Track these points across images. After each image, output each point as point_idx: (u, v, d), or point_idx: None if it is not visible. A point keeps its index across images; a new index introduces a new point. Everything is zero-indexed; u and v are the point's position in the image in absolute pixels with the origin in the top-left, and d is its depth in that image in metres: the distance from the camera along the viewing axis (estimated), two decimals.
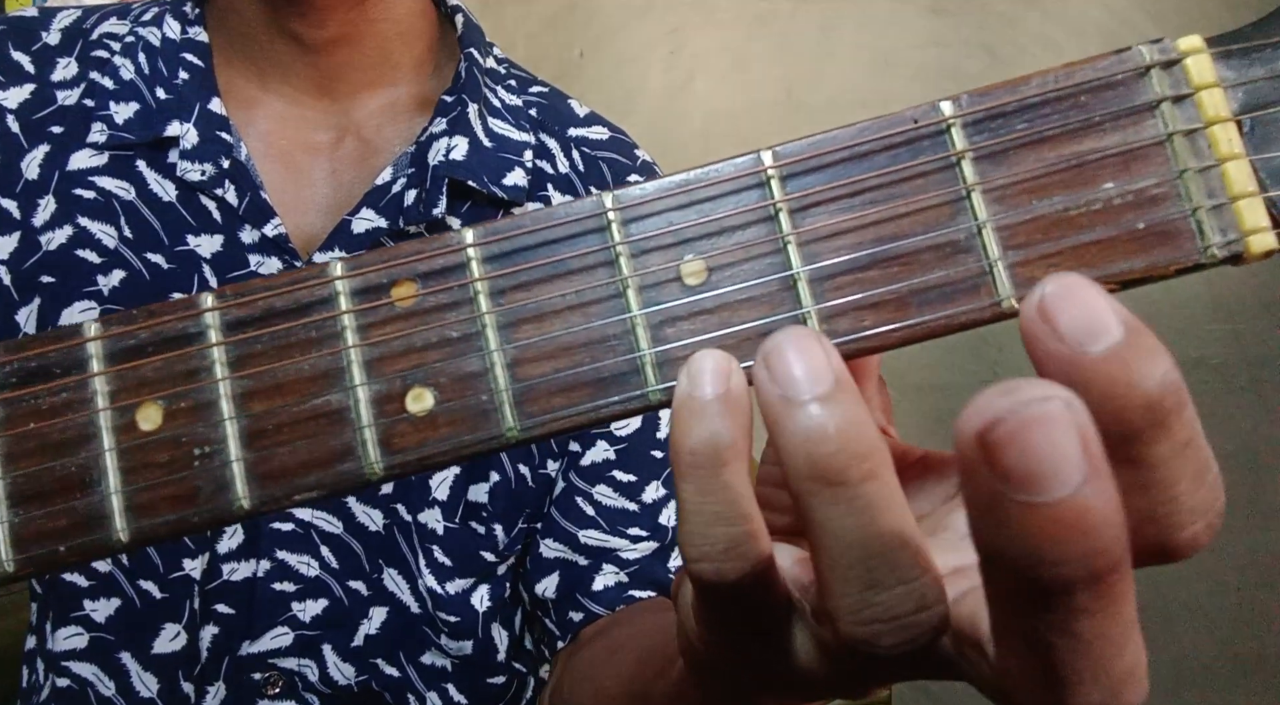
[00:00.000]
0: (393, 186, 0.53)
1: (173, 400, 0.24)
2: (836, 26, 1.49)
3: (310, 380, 0.24)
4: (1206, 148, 0.21)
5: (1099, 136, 0.22)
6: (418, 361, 0.24)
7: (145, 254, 0.51)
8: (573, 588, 0.54)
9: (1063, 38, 1.46)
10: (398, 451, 0.23)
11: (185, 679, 0.50)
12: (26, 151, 0.52)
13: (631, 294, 0.23)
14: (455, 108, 0.54)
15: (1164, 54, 0.22)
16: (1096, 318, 0.17)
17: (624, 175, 0.59)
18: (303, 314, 0.24)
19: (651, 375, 0.23)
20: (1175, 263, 0.21)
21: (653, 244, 0.24)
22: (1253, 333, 1.46)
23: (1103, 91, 0.22)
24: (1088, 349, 0.17)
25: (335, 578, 0.52)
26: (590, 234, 0.24)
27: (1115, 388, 0.17)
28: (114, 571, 0.50)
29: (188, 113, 0.52)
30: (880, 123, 0.23)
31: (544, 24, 1.51)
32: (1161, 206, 0.21)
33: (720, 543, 0.20)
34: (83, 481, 0.23)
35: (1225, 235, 0.21)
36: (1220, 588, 1.46)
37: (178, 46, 0.53)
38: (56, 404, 0.24)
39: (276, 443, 0.23)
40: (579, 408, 0.23)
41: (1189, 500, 0.19)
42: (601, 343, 0.23)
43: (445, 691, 0.54)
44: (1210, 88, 0.22)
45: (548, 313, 0.24)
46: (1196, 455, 0.19)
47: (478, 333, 0.24)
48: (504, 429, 0.23)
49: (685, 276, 0.23)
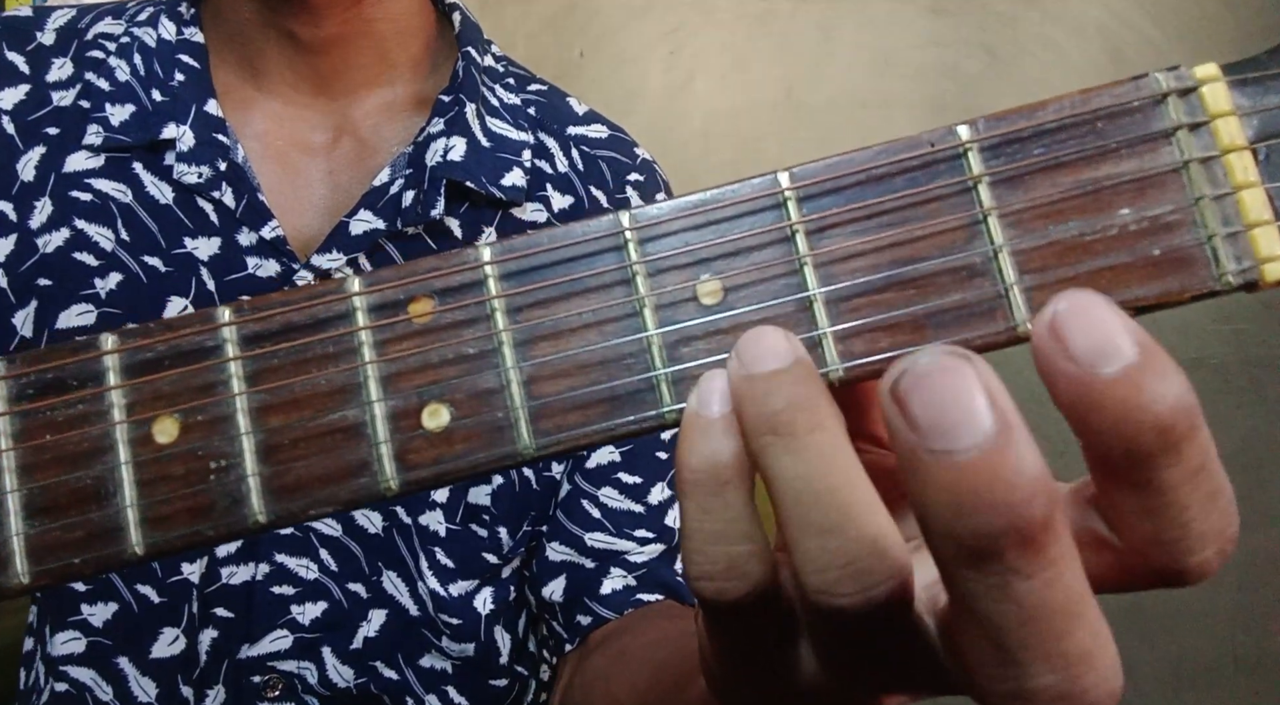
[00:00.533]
0: (390, 187, 0.53)
1: (189, 414, 0.24)
2: (836, 26, 1.49)
3: (327, 395, 0.24)
4: (1222, 175, 0.22)
5: (1115, 162, 0.22)
6: (434, 378, 0.24)
7: (142, 257, 0.51)
8: (580, 591, 0.54)
9: (1063, 38, 1.46)
10: (413, 467, 0.23)
11: (184, 683, 0.50)
12: (22, 153, 0.52)
13: (648, 313, 0.23)
14: (453, 108, 0.54)
15: (1180, 81, 0.22)
16: (1109, 338, 0.17)
17: (624, 174, 0.59)
18: (320, 329, 0.24)
19: (666, 394, 0.23)
20: (1190, 289, 0.21)
21: (669, 263, 0.24)
22: (1253, 333, 1.46)
23: (1119, 117, 0.22)
24: (1099, 370, 0.17)
25: (334, 580, 0.52)
26: (607, 253, 0.24)
27: (1127, 410, 0.17)
28: (111, 576, 0.50)
29: (184, 115, 0.51)
30: (897, 146, 0.23)
31: (544, 24, 1.50)
32: (1177, 233, 0.22)
33: (721, 562, 0.20)
34: (98, 494, 0.24)
35: (1240, 263, 0.21)
36: (1220, 588, 1.46)
37: (173, 47, 0.53)
38: (73, 416, 0.24)
39: (293, 457, 0.23)
40: (594, 426, 0.23)
41: (1199, 526, 0.19)
42: (617, 361, 0.23)
43: (445, 694, 0.54)
44: (1226, 116, 0.22)
45: (564, 331, 0.24)
46: (1209, 480, 0.19)
47: (494, 350, 0.24)
48: (519, 446, 0.23)
49: (701, 296, 0.23)
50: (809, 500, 0.19)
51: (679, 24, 1.50)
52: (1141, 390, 0.17)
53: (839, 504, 0.19)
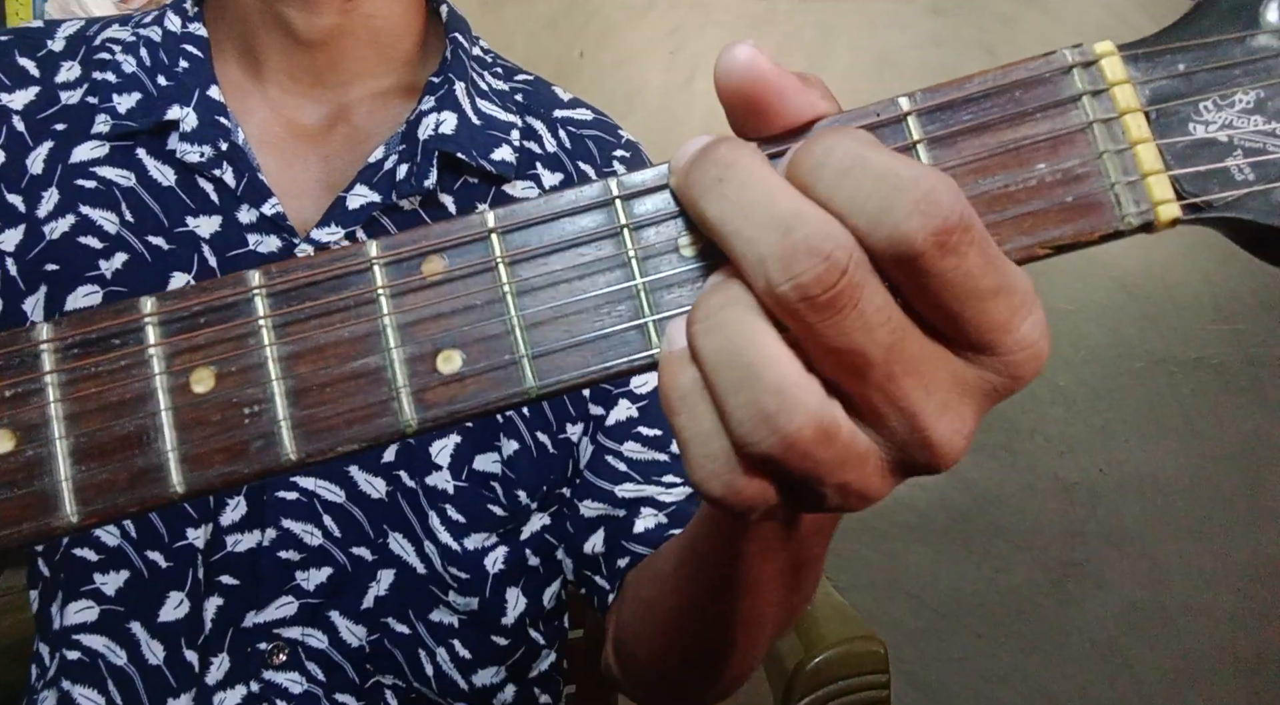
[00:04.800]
0: (385, 163, 0.55)
1: (223, 364, 0.26)
2: (836, 26, 1.49)
3: (349, 343, 0.26)
4: (1121, 133, 0.26)
5: (1032, 125, 0.26)
6: (446, 327, 0.26)
7: (146, 237, 0.53)
8: (617, 537, 0.57)
9: (1063, 38, 1.47)
10: (430, 406, 0.26)
11: (188, 646, 0.52)
12: (31, 149, 0.54)
13: (634, 265, 0.27)
14: (443, 87, 0.57)
15: (1083, 56, 0.26)
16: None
17: (610, 151, 0.62)
18: (342, 287, 0.27)
19: (654, 336, 0.26)
20: (1099, 229, 0.25)
21: (651, 220, 0.27)
22: (1253, 333, 1.47)
23: (1034, 87, 0.26)
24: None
25: (338, 546, 0.53)
26: (597, 209, 0.27)
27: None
28: (122, 544, 0.52)
29: (187, 98, 0.54)
30: (847, 116, 0.27)
31: (544, 24, 1.49)
32: (1085, 183, 0.25)
33: (720, 455, 0.24)
34: (141, 439, 0.26)
35: (1139, 206, 0.25)
36: (1220, 588, 1.47)
37: (178, 38, 0.56)
38: (115, 370, 0.26)
39: (320, 401, 0.26)
40: (591, 367, 0.26)
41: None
42: (609, 307, 0.27)
43: (452, 647, 0.56)
44: (1122, 84, 0.26)
45: (561, 282, 0.27)
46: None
47: (499, 300, 0.27)
48: (525, 386, 0.26)
49: (682, 249, 0.27)
50: (724, 362, 0.23)
51: (679, 24, 1.50)
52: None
53: (745, 362, 0.23)
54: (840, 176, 0.22)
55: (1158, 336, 1.49)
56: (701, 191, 0.24)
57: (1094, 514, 1.52)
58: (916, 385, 0.23)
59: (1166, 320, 1.49)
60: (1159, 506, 1.50)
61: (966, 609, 1.52)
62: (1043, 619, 1.51)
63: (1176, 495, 1.50)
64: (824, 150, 0.23)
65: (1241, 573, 1.48)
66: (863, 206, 0.22)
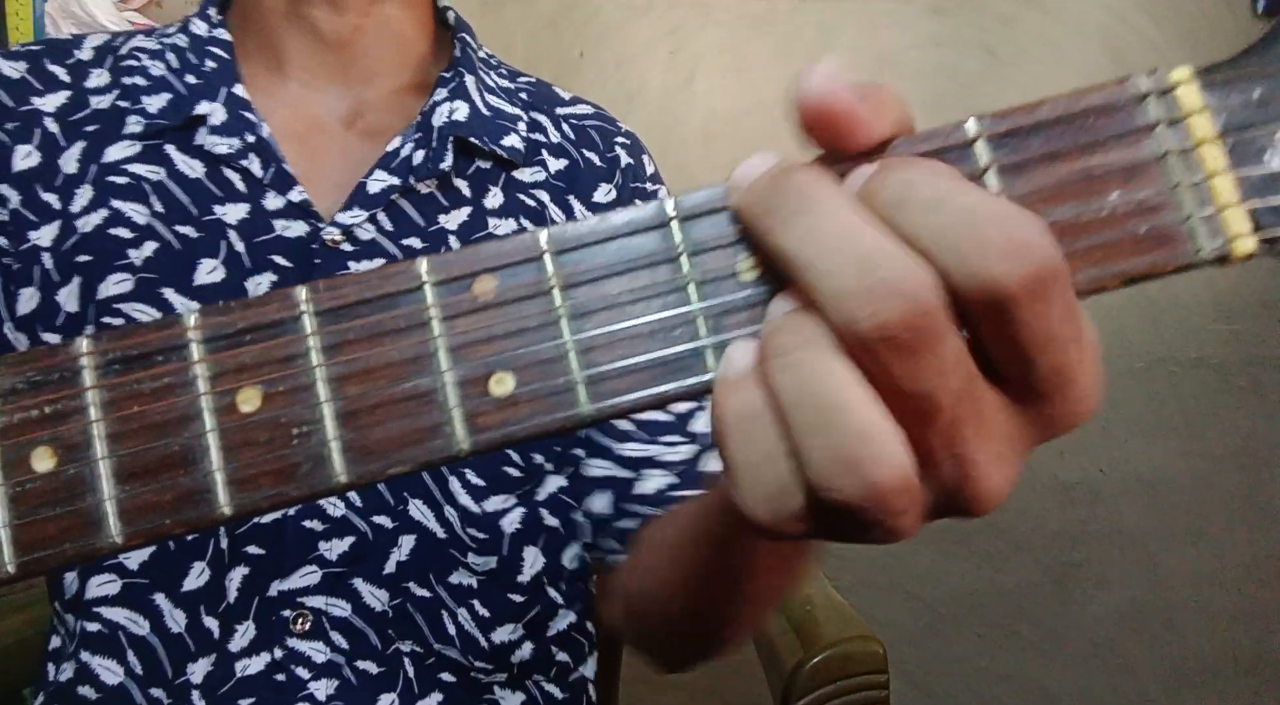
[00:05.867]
0: (402, 151, 0.58)
1: (271, 384, 0.26)
2: (836, 26, 1.50)
3: (401, 365, 0.26)
4: (1197, 164, 0.25)
5: (1104, 153, 0.25)
6: (499, 349, 0.26)
7: (174, 226, 0.55)
8: (623, 498, 0.58)
9: (1063, 38, 1.47)
10: (483, 430, 0.25)
11: (208, 614, 0.52)
12: (64, 149, 0.56)
13: (692, 289, 0.26)
14: (454, 79, 0.60)
15: (1158, 83, 0.25)
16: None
17: (611, 137, 0.66)
18: (392, 305, 0.26)
19: (711, 361, 0.26)
20: (1173, 263, 0.25)
21: (710, 245, 0.26)
22: (1253, 333, 1.47)
23: (1106, 114, 0.25)
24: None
25: (360, 515, 0.54)
26: (653, 230, 0.26)
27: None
28: None
29: (215, 94, 0.56)
30: (914, 140, 0.26)
31: (544, 24, 1.51)
32: (1160, 214, 0.25)
33: (772, 483, 0.23)
34: (186, 459, 0.25)
35: (1214, 240, 0.25)
36: (1220, 588, 1.48)
37: (204, 42, 0.59)
38: (159, 388, 0.26)
39: (371, 422, 0.25)
40: (647, 391, 0.26)
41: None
42: (665, 332, 0.26)
43: (472, 607, 0.57)
44: (1198, 113, 0.25)
45: (615, 305, 0.26)
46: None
47: (553, 322, 0.26)
48: (579, 410, 0.26)
49: (740, 273, 0.26)
50: (804, 402, 0.22)
51: (679, 24, 1.51)
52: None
53: (828, 405, 0.22)
54: (925, 214, 0.22)
55: (1158, 336, 1.49)
56: (778, 222, 0.23)
57: (1094, 514, 1.52)
58: (976, 434, 0.23)
59: (1167, 320, 1.49)
60: (1159, 506, 1.51)
61: (966, 609, 1.53)
62: (1043, 619, 1.52)
63: (1176, 495, 1.51)
64: (904, 184, 0.22)
65: (1241, 573, 1.49)
66: (952, 247, 0.21)
